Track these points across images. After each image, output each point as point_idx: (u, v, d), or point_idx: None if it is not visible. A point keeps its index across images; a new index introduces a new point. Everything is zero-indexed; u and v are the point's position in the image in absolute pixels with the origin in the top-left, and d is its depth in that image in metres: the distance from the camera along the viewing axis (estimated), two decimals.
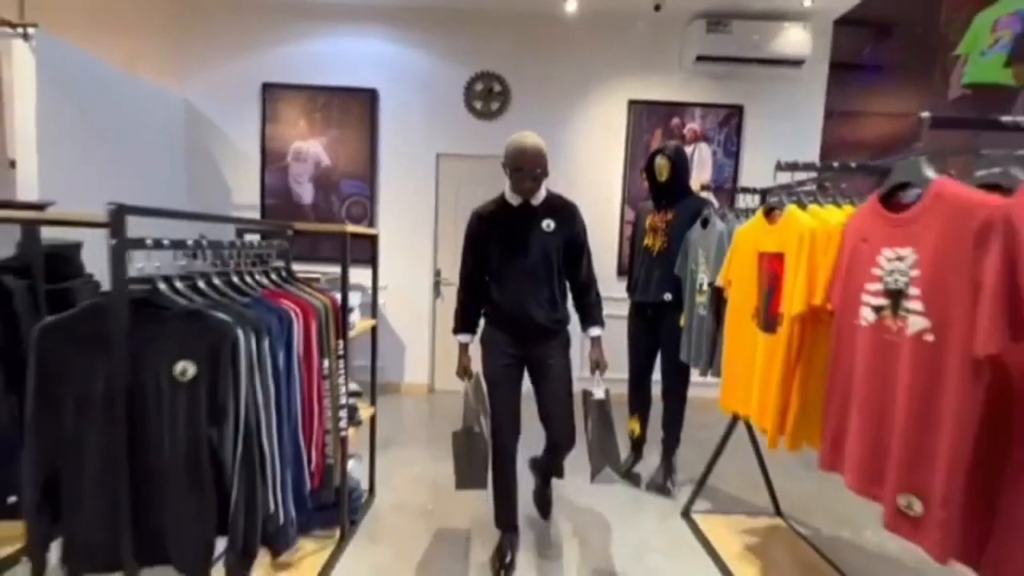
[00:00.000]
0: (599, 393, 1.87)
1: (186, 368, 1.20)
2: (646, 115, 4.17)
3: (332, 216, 4.15)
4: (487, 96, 4.11)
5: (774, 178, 1.87)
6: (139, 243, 1.21)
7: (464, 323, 2.01)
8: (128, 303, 1.16)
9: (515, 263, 1.87)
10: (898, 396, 1.06)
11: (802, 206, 1.64)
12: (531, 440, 2.10)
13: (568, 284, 1.99)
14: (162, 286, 1.28)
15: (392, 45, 4.08)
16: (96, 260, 2.34)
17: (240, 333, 1.25)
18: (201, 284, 1.41)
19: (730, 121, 4.18)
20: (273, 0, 3.96)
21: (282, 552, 1.58)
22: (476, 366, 2.02)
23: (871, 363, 1.16)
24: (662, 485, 2.70)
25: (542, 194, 1.90)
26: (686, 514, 2.43)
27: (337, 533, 2.09)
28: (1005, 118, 1.08)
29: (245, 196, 4.15)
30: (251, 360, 1.29)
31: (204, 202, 4.04)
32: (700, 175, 4.20)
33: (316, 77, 4.07)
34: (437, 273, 4.23)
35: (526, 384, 1.98)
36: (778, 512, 2.44)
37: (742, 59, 3.93)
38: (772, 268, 1.65)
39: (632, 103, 4.15)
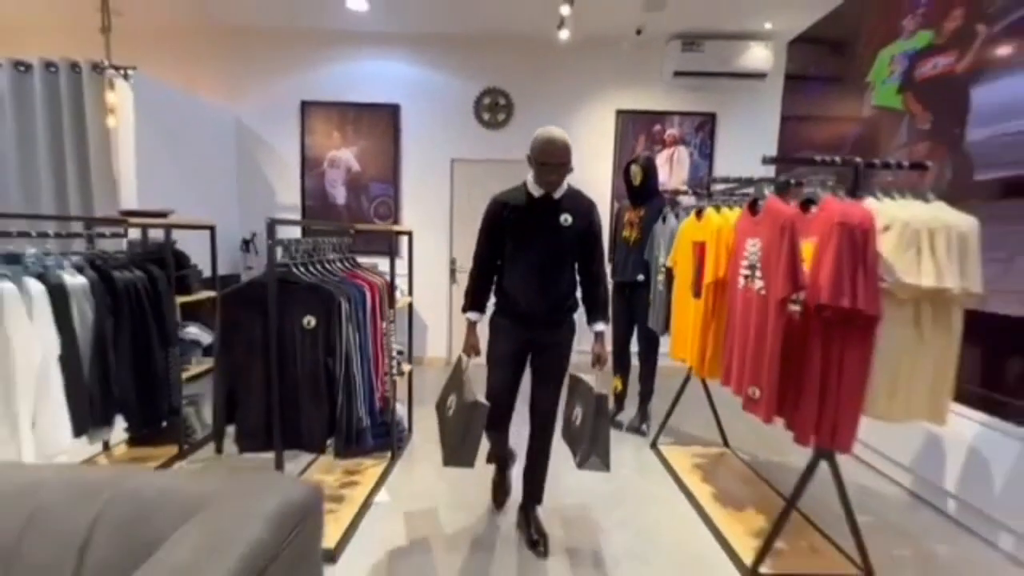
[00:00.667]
0: (598, 387, 1.84)
1: (310, 320, 1.91)
2: (632, 123, 4.81)
3: (362, 214, 4.85)
4: (494, 109, 4.77)
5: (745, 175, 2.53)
6: (280, 242, 1.91)
7: (474, 302, 2.04)
8: (276, 280, 1.87)
9: (530, 252, 1.89)
10: (750, 330, 1.74)
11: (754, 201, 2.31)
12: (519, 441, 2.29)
13: (579, 278, 2.02)
14: (293, 269, 1.99)
15: (412, 66, 4.73)
16: (198, 254, 3.06)
17: (341, 299, 1.95)
18: (312, 268, 2.11)
19: (704, 127, 4.81)
20: (308, 29, 4.63)
21: (364, 448, 2.28)
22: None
23: (741, 312, 1.84)
24: (638, 428, 3.40)
25: (563, 188, 1.92)
26: (653, 445, 3.12)
27: (388, 455, 2.81)
28: (818, 156, 1.73)
29: (287, 198, 4.86)
30: (347, 316, 1.99)
31: (252, 203, 4.75)
32: (679, 174, 4.85)
33: (347, 95, 4.74)
34: (452, 262, 4.92)
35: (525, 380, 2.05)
36: (726, 444, 3.12)
37: (713, 73, 4.55)
38: (700, 252, 2.32)
39: (619, 112, 4.79)
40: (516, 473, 2.34)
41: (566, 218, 1.88)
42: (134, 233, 2.92)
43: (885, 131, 2.96)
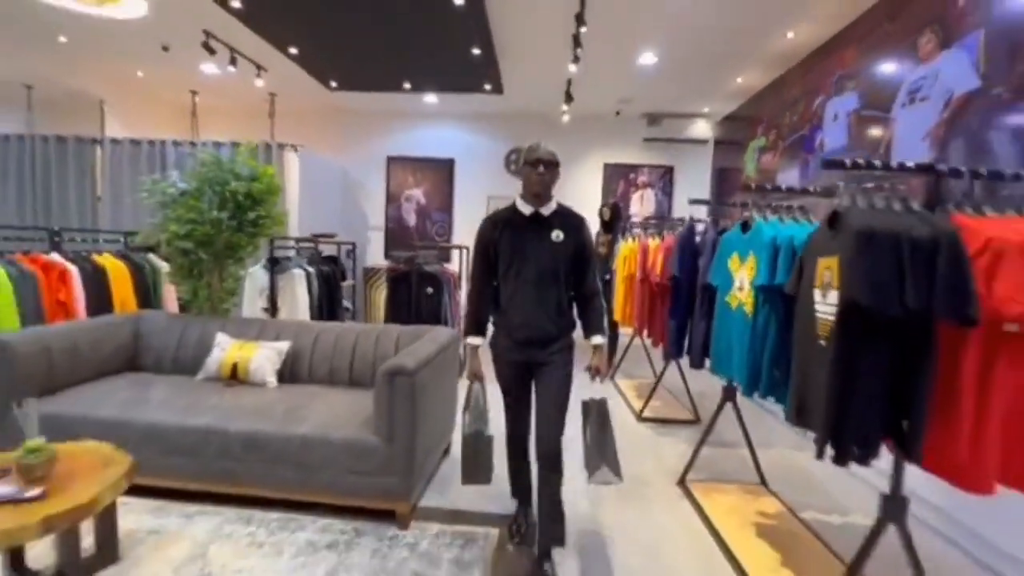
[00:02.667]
0: (599, 396, 1.84)
1: (430, 289, 3.91)
2: (614, 172, 6.78)
3: (426, 234, 6.91)
4: (517, 161, 6.81)
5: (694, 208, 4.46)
6: (398, 256, 3.95)
7: (475, 326, 1.98)
8: (416, 271, 3.89)
9: (523, 271, 1.84)
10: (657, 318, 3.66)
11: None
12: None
13: (573, 293, 1.95)
14: (418, 264, 4.03)
15: (462, 133, 6.82)
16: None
17: (443, 279, 3.96)
18: (421, 265, 4.15)
19: (665, 175, 6.75)
20: (397, 110, 6.75)
21: None
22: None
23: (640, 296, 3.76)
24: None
25: (552, 205, 1.89)
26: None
27: None
28: (735, 199, 3.63)
29: (376, 221, 6.96)
30: (446, 286, 3.99)
31: (352, 226, 6.86)
32: (647, 208, 6.78)
33: (418, 151, 6.85)
34: None
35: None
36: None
37: (671, 139, 6.50)
38: (641, 259, 4.24)
39: (606, 164, 6.78)
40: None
41: (557, 234, 1.85)
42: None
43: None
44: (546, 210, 1.89)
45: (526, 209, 1.89)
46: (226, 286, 3.46)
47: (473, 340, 1.97)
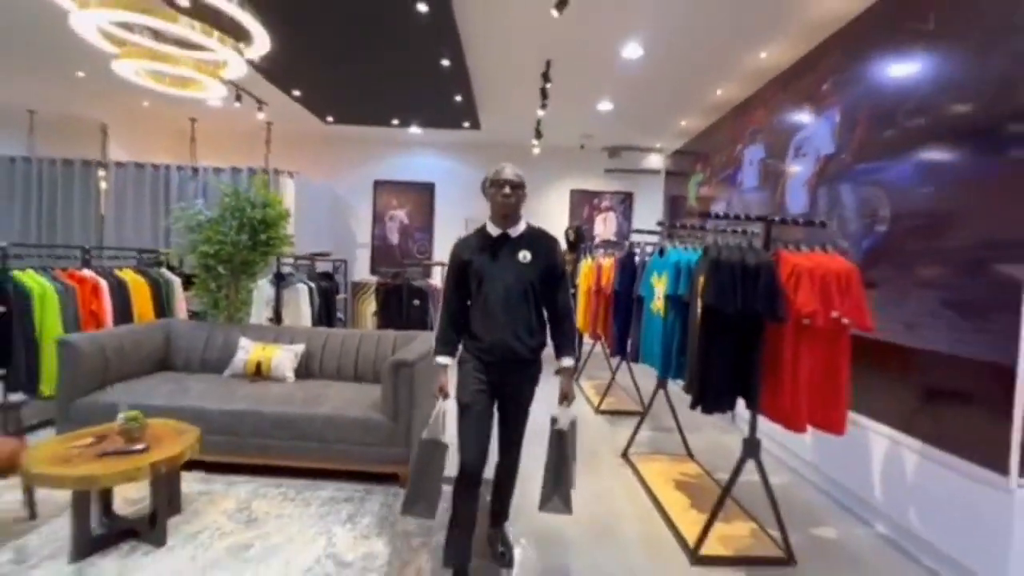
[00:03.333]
0: (563, 423, 1.82)
1: (416, 301, 4.51)
2: (580, 197, 7.54)
3: (409, 252, 7.49)
4: (484, 183, 7.48)
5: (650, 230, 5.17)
6: (386, 271, 4.54)
7: (444, 347, 1.95)
8: (406, 284, 4.48)
9: (493, 292, 1.83)
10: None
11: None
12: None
13: (546, 315, 1.95)
14: (407, 279, 4.62)
15: (442, 160, 7.47)
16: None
17: (428, 292, 4.56)
18: (406, 280, 4.75)
19: (626, 200, 7.54)
20: (384, 137, 7.36)
21: None
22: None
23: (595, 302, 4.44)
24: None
25: (521, 226, 1.90)
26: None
27: None
28: (683, 222, 4.34)
29: (362, 239, 7.51)
30: (432, 298, 4.59)
31: (341, 244, 7.38)
32: (610, 229, 7.54)
33: (402, 176, 7.46)
34: None
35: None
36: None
37: (629, 170, 7.30)
38: (596, 275, 4.93)
39: (572, 191, 7.53)
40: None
41: (525, 255, 1.85)
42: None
43: (697, 216, 5.63)
44: (514, 231, 1.89)
45: (494, 231, 1.90)
46: (241, 297, 3.99)
47: (442, 360, 1.95)
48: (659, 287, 2.66)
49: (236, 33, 2.84)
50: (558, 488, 1.80)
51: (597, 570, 2.09)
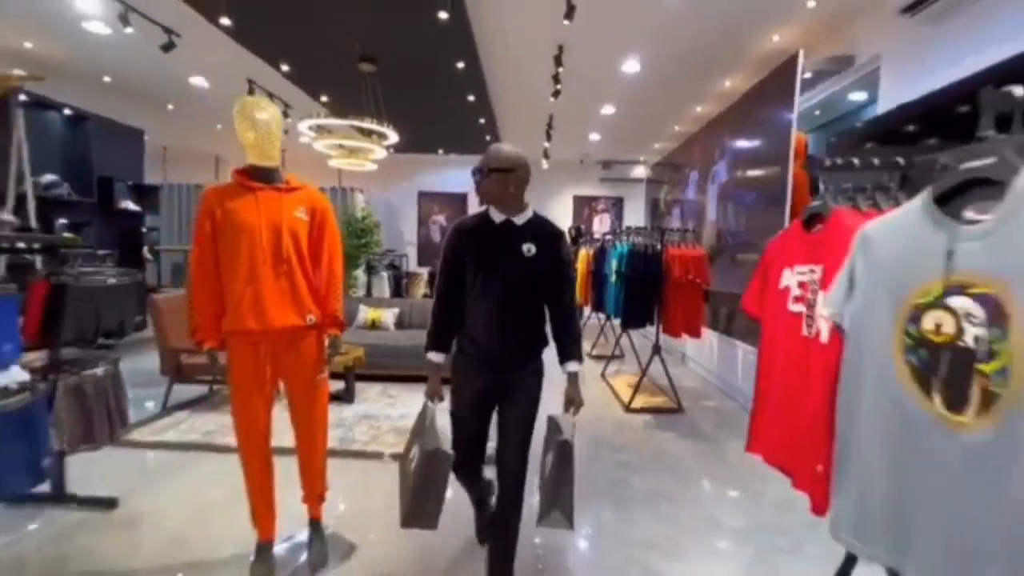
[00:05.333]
0: (566, 434, 1.60)
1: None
2: (580, 202, 9.33)
3: None
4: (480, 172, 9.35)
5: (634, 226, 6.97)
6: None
7: (437, 341, 1.73)
8: None
9: (490, 286, 1.60)
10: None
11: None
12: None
13: (548, 313, 1.72)
14: None
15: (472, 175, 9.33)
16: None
17: None
18: None
19: (618, 204, 9.31)
20: (424, 158, 9.24)
21: None
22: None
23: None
24: None
25: (527, 214, 1.67)
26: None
27: None
28: (625, 228, 6.12)
29: (409, 239, 9.44)
30: None
31: (394, 242, 9.31)
32: (604, 226, 9.31)
33: (440, 188, 9.35)
34: None
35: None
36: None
37: (620, 179, 9.06)
38: (587, 261, 6.73)
39: (575, 196, 9.32)
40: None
41: (529, 248, 1.61)
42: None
43: (667, 216, 7.38)
44: (519, 219, 1.65)
45: (497, 217, 1.66)
46: (348, 281, 5.94)
47: (434, 357, 1.73)
48: (612, 266, 4.49)
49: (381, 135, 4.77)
50: (558, 501, 1.57)
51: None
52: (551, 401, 1.81)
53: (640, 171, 8.99)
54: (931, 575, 0.78)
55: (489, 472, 1.85)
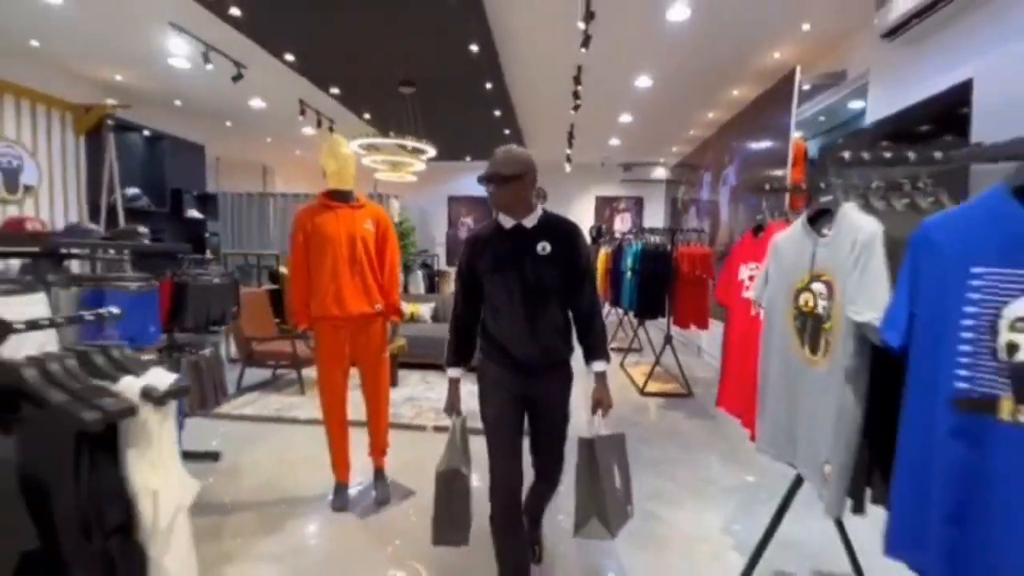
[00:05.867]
0: (595, 430, 1.56)
1: None
2: (602, 202, 9.70)
3: None
4: (538, 196, 9.79)
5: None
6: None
7: (456, 355, 1.72)
8: None
9: (509, 291, 1.58)
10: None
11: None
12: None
13: (570, 313, 1.68)
14: None
15: None
16: None
17: None
18: None
19: (638, 204, 9.64)
20: (453, 165, 9.78)
21: None
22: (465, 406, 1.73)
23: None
24: None
25: (537, 214, 1.64)
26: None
27: None
28: (641, 227, 6.51)
29: (440, 240, 10.00)
30: None
31: (425, 243, 9.88)
32: (625, 225, 9.65)
33: (468, 192, 9.87)
34: None
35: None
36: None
37: (640, 180, 9.38)
38: (605, 259, 7.12)
39: (597, 197, 9.69)
40: None
41: (543, 246, 1.58)
42: None
43: (685, 215, 7.69)
44: (529, 221, 1.62)
45: (507, 222, 1.63)
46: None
47: (452, 372, 1.71)
48: (628, 263, 4.90)
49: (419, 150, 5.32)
50: (595, 506, 1.51)
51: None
52: (575, 403, 1.77)
53: (660, 172, 9.30)
54: (803, 464, 1.20)
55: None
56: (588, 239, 7.82)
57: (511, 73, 4.96)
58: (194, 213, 6.90)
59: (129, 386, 1.07)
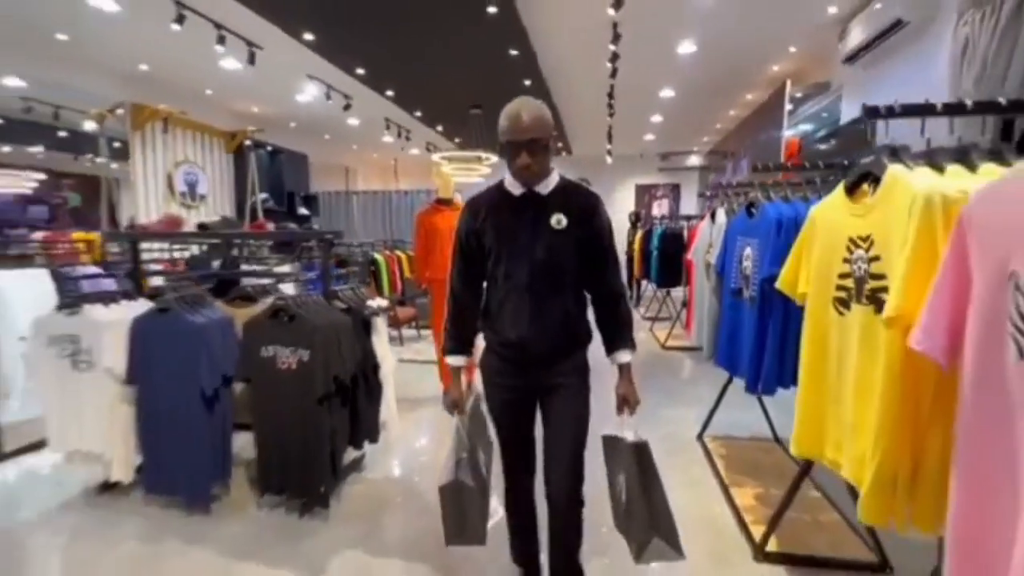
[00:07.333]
0: (632, 436, 1.30)
1: None
2: (641, 190, 10.52)
3: None
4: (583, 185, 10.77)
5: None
6: None
7: (456, 341, 1.44)
8: None
9: (515, 269, 1.31)
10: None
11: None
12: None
13: (589, 296, 1.43)
14: None
15: None
16: None
17: None
18: None
19: (675, 190, 10.39)
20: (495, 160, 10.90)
21: None
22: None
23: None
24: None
25: (553, 179, 1.35)
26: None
27: None
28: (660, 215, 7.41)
29: None
30: None
31: None
32: (663, 210, 10.43)
33: None
34: None
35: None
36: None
37: (677, 168, 10.13)
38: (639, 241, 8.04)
39: (637, 185, 10.53)
40: None
41: (560, 219, 1.31)
42: None
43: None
44: (543, 188, 1.33)
45: (516, 189, 1.33)
46: None
47: (454, 360, 1.44)
48: (655, 243, 5.89)
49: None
50: (654, 524, 1.24)
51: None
52: (595, 402, 1.44)
53: (694, 159, 10.00)
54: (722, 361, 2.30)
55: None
56: (628, 224, 8.78)
57: (557, 93, 6.04)
58: (303, 210, 8.51)
59: (369, 305, 2.35)
